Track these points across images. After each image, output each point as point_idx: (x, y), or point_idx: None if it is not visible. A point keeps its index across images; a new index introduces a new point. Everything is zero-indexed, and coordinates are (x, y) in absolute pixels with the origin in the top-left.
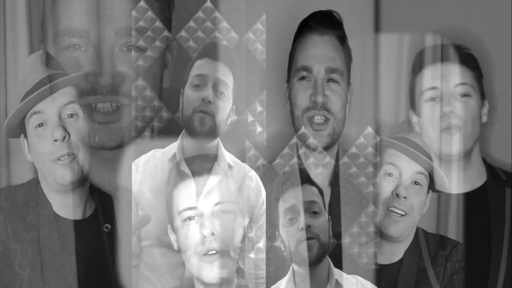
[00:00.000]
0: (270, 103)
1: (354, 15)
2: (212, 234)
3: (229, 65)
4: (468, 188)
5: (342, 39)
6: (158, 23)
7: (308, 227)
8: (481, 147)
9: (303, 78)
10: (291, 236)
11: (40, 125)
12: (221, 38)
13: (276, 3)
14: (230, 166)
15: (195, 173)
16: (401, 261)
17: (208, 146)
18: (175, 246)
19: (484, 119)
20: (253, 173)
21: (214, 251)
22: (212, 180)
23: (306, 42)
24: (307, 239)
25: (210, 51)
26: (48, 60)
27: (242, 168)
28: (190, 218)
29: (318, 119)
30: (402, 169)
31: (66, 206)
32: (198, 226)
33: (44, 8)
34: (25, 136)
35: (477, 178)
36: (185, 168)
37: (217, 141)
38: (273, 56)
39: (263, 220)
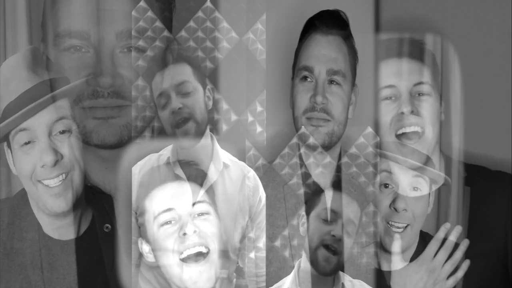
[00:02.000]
0: (270, 103)
1: (354, 15)
2: (195, 231)
3: (175, 59)
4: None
5: (348, 39)
6: (158, 23)
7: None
8: (443, 142)
9: (304, 78)
10: (319, 233)
11: (27, 142)
12: (221, 38)
13: (276, 3)
14: (226, 165)
15: (190, 176)
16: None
17: (201, 146)
18: (150, 258)
19: (442, 117)
20: (251, 172)
21: (199, 248)
22: (208, 181)
23: (310, 41)
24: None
25: (154, 66)
26: (36, 62)
27: (240, 166)
28: (167, 223)
29: (317, 120)
30: (399, 177)
31: (58, 229)
32: (177, 228)
33: (45, 9)
34: (9, 147)
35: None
36: (179, 171)
37: (210, 139)
38: (273, 56)
39: (261, 218)
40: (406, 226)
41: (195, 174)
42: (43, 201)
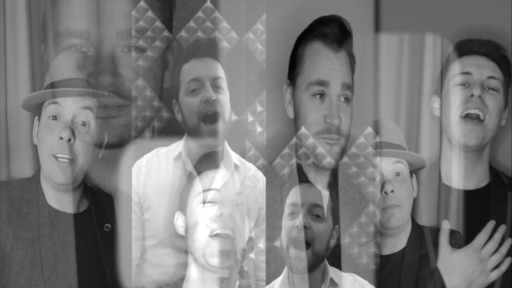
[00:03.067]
0: (270, 103)
1: (354, 15)
2: (230, 215)
3: (217, 58)
4: (472, 186)
5: (350, 50)
6: (158, 23)
7: (305, 228)
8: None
9: (317, 95)
10: (286, 231)
11: (54, 117)
12: (221, 38)
13: (276, 3)
14: (236, 166)
15: (201, 173)
16: (404, 249)
17: (214, 145)
18: (181, 231)
19: (503, 122)
20: (260, 175)
21: (228, 231)
22: (218, 181)
23: (320, 55)
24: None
25: (195, 51)
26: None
27: (248, 168)
28: (210, 202)
29: (329, 143)
30: (382, 167)
31: (59, 202)
32: (217, 207)
33: (45, 9)
34: (39, 120)
35: (483, 177)
36: (191, 168)
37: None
38: (273, 56)
39: (263, 220)
40: (398, 207)
41: (207, 171)
42: (48, 169)
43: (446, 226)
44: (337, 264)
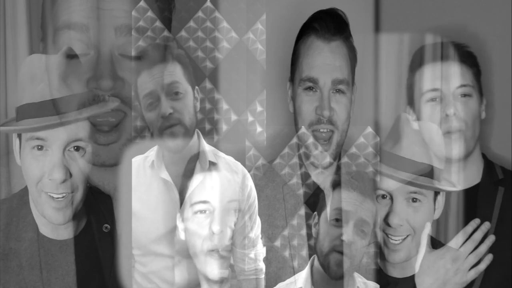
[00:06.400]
0: (270, 103)
1: (354, 15)
2: (221, 232)
3: (167, 60)
4: (465, 186)
5: (347, 40)
6: (158, 23)
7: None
8: (481, 143)
9: (309, 88)
10: (330, 237)
11: (40, 147)
12: (221, 38)
13: (276, 3)
14: (212, 163)
15: (177, 178)
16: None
17: (188, 147)
18: (182, 236)
19: (483, 115)
20: (240, 167)
21: (218, 249)
22: (194, 182)
23: (311, 49)
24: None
25: (144, 63)
26: (69, 71)
27: (228, 162)
28: (201, 212)
29: (322, 133)
30: (393, 191)
31: (55, 229)
32: (209, 221)
33: (44, 9)
34: (19, 139)
35: (475, 176)
36: (165, 175)
37: (197, 138)
38: (273, 56)
39: (251, 212)
40: (406, 237)
41: (183, 175)
42: (43, 209)
43: (427, 228)
44: None
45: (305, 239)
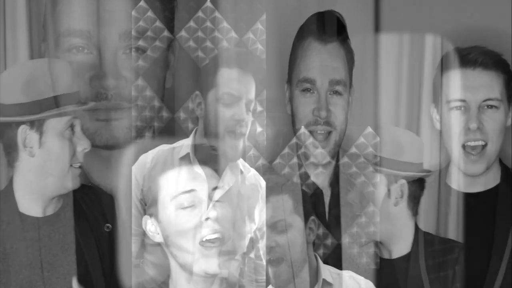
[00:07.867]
0: (270, 103)
1: (354, 15)
2: (216, 217)
3: (252, 75)
4: (480, 189)
5: (345, 42)
6: (158, 23)
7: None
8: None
9: (306, 90)
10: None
11: (71, 128)
12: (221, 38)
13: (276, 3)
14: (241, 172)
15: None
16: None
17: (232, 159)
18: (157, 238)
19: (509, 122)
20: (263, 182)
21: (217, 235)
22: (223, 186)
23: (309, 50)
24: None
25: (240, 61)
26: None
27: (253, 174)
28: (188, 206)
29: (320, 134)
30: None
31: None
32: (197, 212)
33: (46, 9)
34: (39, 132)
35: (491, 180)
36: (199, 170)
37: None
38: (273, 56)
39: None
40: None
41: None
42: (61, 178)
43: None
44: (337, 264)
45: None
